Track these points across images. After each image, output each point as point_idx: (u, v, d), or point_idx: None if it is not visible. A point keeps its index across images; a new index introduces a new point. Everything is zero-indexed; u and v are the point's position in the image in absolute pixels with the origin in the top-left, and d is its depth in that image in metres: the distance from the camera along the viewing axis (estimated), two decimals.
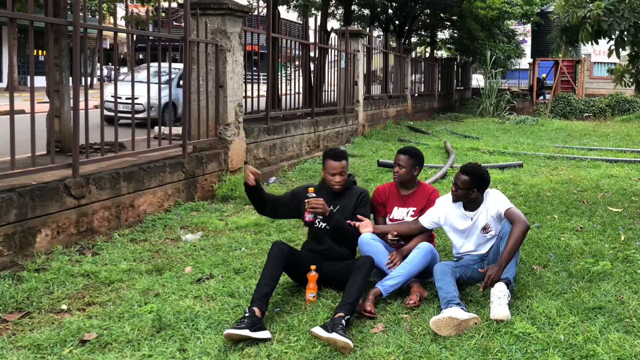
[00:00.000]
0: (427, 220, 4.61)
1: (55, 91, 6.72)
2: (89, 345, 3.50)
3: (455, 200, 4.49)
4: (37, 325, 3.78)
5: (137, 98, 5.97)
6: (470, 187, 4.37)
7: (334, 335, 3.48)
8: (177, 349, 3.48)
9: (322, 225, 4.44)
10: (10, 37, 5.13)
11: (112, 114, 6.45)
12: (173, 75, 13.89)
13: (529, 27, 36.64)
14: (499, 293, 3.98)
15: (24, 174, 4.98)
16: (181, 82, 10.19)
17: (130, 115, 6.24)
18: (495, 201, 4.42)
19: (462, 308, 3.84)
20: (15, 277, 4.46)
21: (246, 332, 3.54)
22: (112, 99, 6.20)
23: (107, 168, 5.96)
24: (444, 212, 4.58)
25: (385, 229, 4.67)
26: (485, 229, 4.48)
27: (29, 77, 7.05)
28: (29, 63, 5.25)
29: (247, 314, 3.68)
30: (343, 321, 3.64)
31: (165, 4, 15.56)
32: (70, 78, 6.90)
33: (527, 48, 41.08)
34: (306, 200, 4.27)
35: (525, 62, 43.35)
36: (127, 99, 9.58)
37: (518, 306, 4.11)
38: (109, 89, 12.46)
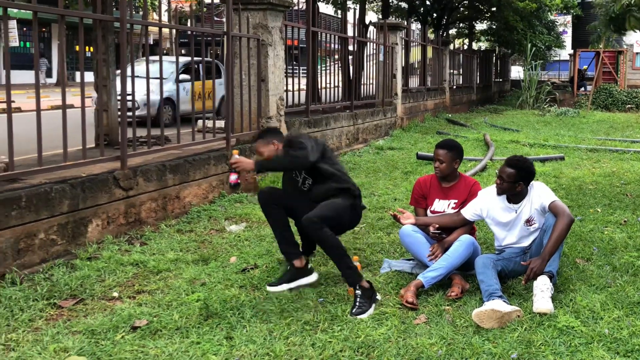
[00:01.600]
0: (469, 212, 4.61)
1: (102, 86, 6.89)
2: (139, 331, 3.63)
3: (500, 193, 4.47)
4: (90, 312, 3.92)
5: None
6: (516, 180, 4.34)
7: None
8: (224, 336, 3.57)
9: (306, 187, 4.55)
10: (61, 34, 5.27)
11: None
12: (172, 70, 12.09)
13: (569, 17, 35.95)
14: (542, 286, 3.97)
15: (75, 166, 5.14)
16: (180, 77, 9.60)
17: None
18: (539, 194, 4.39)
19: (504, 301, 3.85)
20: (69, 265, 4.64)
21: (283, 287, 4.16)
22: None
23: (153, 161, 6.10)
24: (487, 204, 4.57)
25: (427, 221, 4.70)
26: (528, 222, 4.46)
27: (77, 73, 7.20)
28: (79, 59, 5.40)
29: (287, 268, 4.07)
30: (358, 299, 3.96)
31: (208, 0, 15.74)
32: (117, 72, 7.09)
33: (567, 39, 40.34)
34: (228, 162, 4.33)
35: (565, 53, 42.56)
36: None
37: (561, 300, 4.10)
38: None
